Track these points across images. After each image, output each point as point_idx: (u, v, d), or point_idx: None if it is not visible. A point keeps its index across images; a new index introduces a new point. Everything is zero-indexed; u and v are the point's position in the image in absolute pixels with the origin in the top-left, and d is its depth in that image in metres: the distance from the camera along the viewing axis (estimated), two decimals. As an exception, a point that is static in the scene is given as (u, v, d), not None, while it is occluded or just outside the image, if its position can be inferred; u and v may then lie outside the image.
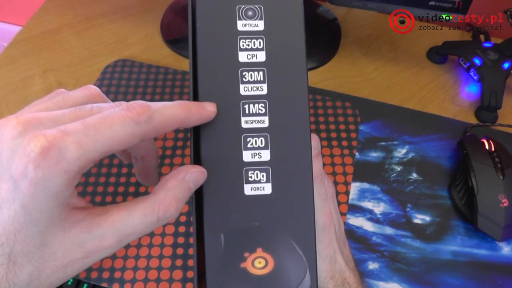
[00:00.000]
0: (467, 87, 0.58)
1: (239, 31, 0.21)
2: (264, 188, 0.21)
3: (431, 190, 0.48)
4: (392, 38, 0.64)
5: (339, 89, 0.57)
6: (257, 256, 0.21)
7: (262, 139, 0.21)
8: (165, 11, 0.65)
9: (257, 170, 0.21)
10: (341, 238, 0.30)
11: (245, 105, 0.21)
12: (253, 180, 0.21)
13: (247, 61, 0.21)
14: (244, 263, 0.21)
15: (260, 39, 0.21)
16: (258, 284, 0.21)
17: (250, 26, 0.21)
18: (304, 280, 0.21)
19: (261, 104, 0.21)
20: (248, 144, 0.21)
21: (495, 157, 0.46)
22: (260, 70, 0.21)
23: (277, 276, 0.21)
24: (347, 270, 0.29)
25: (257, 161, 0.21)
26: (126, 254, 0.42)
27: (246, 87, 0.21)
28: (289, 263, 0.21)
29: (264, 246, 0.21)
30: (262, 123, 0.21)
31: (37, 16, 0.65)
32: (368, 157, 0.50)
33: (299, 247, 0.21)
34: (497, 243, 0.44)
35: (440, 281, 0.42)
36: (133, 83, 0.55)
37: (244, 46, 0.21)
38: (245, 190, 0.21)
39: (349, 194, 0.47)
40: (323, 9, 0.66)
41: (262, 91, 0.21)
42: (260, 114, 0.21)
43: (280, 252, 0.21)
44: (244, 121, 0.21)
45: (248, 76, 0.21)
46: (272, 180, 0.22)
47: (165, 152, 0.49)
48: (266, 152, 0.21)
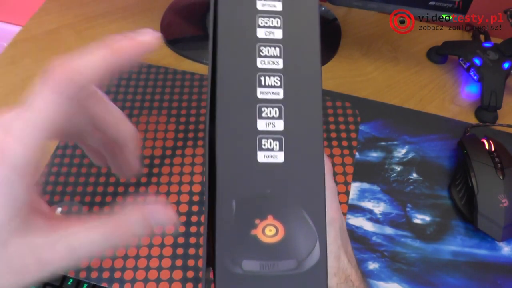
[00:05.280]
0: (467, 87, 0.58)
1: (259, 10, 0.23)
2: (277, 156, 0.22)
3: (431, 190, 0.48)
4: (392, 38, 0.64)
5: (339, 89, 0.57)
6: (268, 224, 0.21)
7: (277, 109, 0.22)
8: (165, 11, 0.65)
9: (271, 139, 0.22)
10: (344, 235, 0.30)
11: (261, 77, 0.22)
12: (266, 148, 0.22)
13: (265, 37, 0.23)
14: (255, 230, 0.21)
15: (278, 18, 0.23)
16: (267, 252, 0.21)
17: (269, 7, 0.23)
18: (313, 251, 0.22)
19: (277, 77, 0.22)
20: (262, 113, 0.22)
21: (495, 157, 0.46)
22: (277, 46, 0.23)
23: (287, 245, 0.21)
24: (350, 267, 0.29)
25: (270, 130, 0.22)
26: (126, 254, 0.42)
27: (263, 60, 0.23)
28: (299, 233, 0.22)
29: (275, 214, 0.22)
30: (277, 94, 0.22)
31: (37, 16, 0.65)
32: (368, 157, 0.50)
33: (309, 217, 0.22)
34: (497, 243, 0.44)
35: (440, 281, 0.42)
36: (133, 83, 0.55)
37: (263, 24, 0.23)
38: (258, 157, 0.22)
39: (349, 194, 0.47)
40: (323, 9, 0.66)
41: (278, 65, 0.23)
42: (275, 86, 0.22)
43: (290, 221, 0.22)
44: (260, 92, 0.22)
45: (265, 50, 0.23)
46: (285, 149, 0.22)
47: (165, 152, 0.49)
48: (279, 122, 0.22)
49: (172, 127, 0.51)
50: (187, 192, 0.46)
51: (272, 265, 0.21)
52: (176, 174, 0.47)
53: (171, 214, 0.21)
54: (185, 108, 0.53)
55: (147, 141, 0.49)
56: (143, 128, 0.50)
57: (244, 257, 0.21)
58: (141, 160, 0.28)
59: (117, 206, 0.21)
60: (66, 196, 0.45)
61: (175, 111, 0.52)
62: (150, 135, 0.50)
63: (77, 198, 0.45)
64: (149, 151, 0.49)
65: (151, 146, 0.49)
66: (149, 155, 0.48)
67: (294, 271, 0.21)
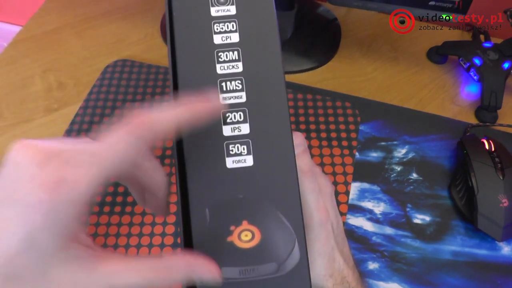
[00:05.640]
0: (467, 87, 0.58)
1: (213, 17, 0.23)
2: (246, 160, 0.22)
3: (431, 190, 0.48)
4: (392, 38, 0.64)
5: (339, 89, 0.57)
6: (243, 229, 0.21)
7: (241, 113, 0.22)
8: (165, 11, 0.65)
9: (238, 143, 0.22)
10: (340, 235, 0.30)
11: (222, 83, 0.22)
12: (234, 153, 0.22)
13: (222, 43, 0.23)
14: (231, 236, 0.21)
15: (233, 22, 0.23)
16: (246, 258, 0.21)
17: (223, 12, 0.23)
18: (293, 251, 0.21)
19: (238, 81, 0.22)
20: (227, 119, 0.22)
21: (495, 157, 0.46)
22: (235, 50, 0.23)
23: (265, 248, 0.21)
24: (346, 268, 0.29)
25: (237, 135, 0.22)
26: (126, 254, 0.42)
27: (222, 66, 0.22)
28: (277, 235, 0.21)
29: (249, 218, 0.21)
30: (240, 98, 0.22)
31: (37, 16, 0.65)
32: (368, 157, 0.50)
33: (285, 218, 0.22)
34: (497, 243, 0.44)
35: (440, 281, 0.42)
36: (133, 83, 0.55)
37: (218, 30, 0.23)
38: (227, 163, 0.22)
39: (349, 194, 0.47)
40: (323, 9, 0.66)
41: (238, 69, 0.22)
42: (237, 90, 0.22)
43: (266, 224, 0.21)
44: (223, 97, 0.22)
45: (223, 56, 0.22)
46: (253, 152, 0.22)
47: (165, 152, 0.49)
48: (245, 126, 0.22)
49: (172, 127, 0.51)
50: (187, 192, 0.46)
51: (251, 270, 0.21)
52: (176, 174, 0.47)
53: (214, 270, 0.21)
54: (185, 108, 0.52)
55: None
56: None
57: (223, 264, 0.21)
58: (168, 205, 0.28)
59: (159, 253, 0.20)
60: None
61: (175, 111, 0.52)
62: (150, 135, 0.50)
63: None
64: (149, 151, 0.49)
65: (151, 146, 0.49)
66: (149, 155, 0.48)
67: (276, 274, 0.21)
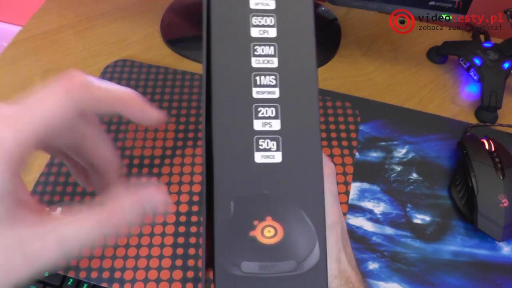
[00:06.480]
0: (467, 87, 0.58)
1: (252, 9, 0.23)
2: (274, 156, 0.22)
3: (431, 190, 0.48)
4: (392, 38, 0.64)
5: (339, 89, 0.57)
6: (267, 225, 0.21)
7: (273, 109, 0.22)
8: (165, 11, 0.65)
9: (268, 139, 0.22)
10: (344, 236, 0.30)
11: (257, 76, 0.22)
12: (263, 148, 0.22)
13: (259, 36, 0.22)
14: (254, 231, 0.21)
15: (271, 16, 0.23)
16: (267, 254, 0.21)
17: (262, 5, 0.23)
18: (313, 251, 0.21)
19: (272, 76, 0.22)
20: (259, 113, 0.22)
21: (495, 157, 0.46)
22: (271, 45, 0.22)
23: (286, 246, 0.21)
24: (350, 268, 0.29)
25: (267, 130, 0.22)
26: (126, 254, 0.42)
27: (257, 60, 0.22)
28: (299, 234, 0.21)
29: (273, 214, 0.21)
30: (273, 94, 0.22)
31: (37, 16, 0.65)
32: (368, 157, 0.50)
33: (308, 217, 0.22)
34: (497, 243, 0.44)
35: (440, 281, 0.42)
36: (133, 83, 0.55)
37: (256, 23, 0.22)
38: (255, 157, 0.22)
39: (349, 194, 0.47)
40: (323, 9, 0.66)
41: (273, 64, 0.22)
42: (271, 86, 0.22)
43: (290, 222, 0.21)
44: (256, 91, 0.22)
45: (259, 50, 0.22)
46: (283, 149, 0.22)
47: (165, 152, 0.49)
48: (276, 122, 0.22)
49: (172, 127, 0.51)
50: (187, 192, 0.46)
51: (271, 266, 0.21)
52: (176, 174, 0.47)
53: (164, 196, 0.21)
54: (185, 108, 0.53)
55: (147, 141, 0.49)
56: (143, 128, 0.50)
57: (244, 258, 0.21)
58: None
59: (108, 195, 0.20)
60: (66, 196, 0.45)
61: (175, 111, 0.52)
62: (150, 135, 0.50)
63: (77, 198, 0.45)
64: (149, 151, 0.49)
65: (151, 146, 0.49)
66: (149, 155, 0.48)
67: (294, 272, 0.21)
